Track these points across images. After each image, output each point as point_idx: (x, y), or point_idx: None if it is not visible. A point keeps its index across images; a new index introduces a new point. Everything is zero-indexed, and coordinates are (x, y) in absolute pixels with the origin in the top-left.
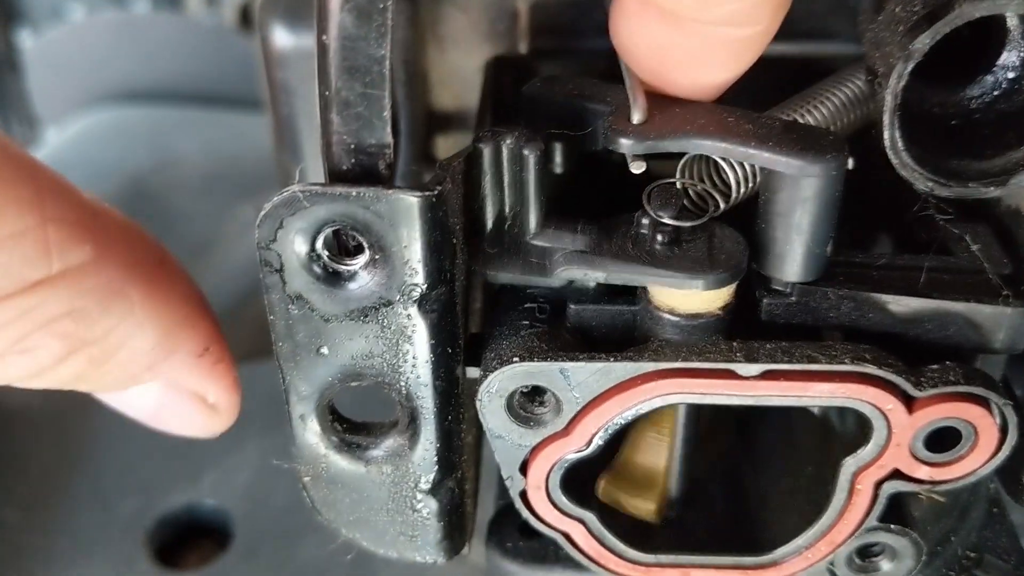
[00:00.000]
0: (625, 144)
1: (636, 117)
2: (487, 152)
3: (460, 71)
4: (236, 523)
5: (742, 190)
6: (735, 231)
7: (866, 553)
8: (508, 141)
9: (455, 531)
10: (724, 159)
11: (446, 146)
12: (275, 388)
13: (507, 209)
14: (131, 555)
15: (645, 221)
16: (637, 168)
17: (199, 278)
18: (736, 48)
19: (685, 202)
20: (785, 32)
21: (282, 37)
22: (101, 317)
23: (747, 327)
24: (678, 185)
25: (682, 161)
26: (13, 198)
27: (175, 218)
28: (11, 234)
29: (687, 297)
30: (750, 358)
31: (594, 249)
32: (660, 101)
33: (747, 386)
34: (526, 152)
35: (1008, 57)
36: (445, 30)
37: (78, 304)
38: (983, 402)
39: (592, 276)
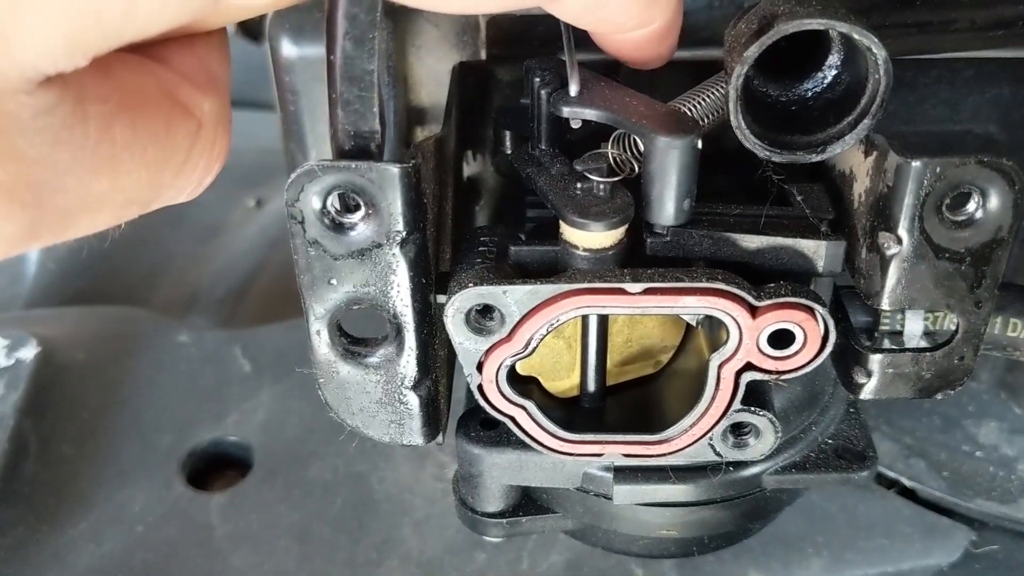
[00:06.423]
0: (565, 111)
1: (572, 90)
2: None
3: (433, 74)
4: (255, 454)
5: None
6: (626, 189)
7: (738, 431)
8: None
9: (432, 421)
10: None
11: (423, 134)
12: (282, 347)
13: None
14: (168, 480)
15: (578, 180)
16: (575, 124)
17: (209, 259)
18: None
19: (608, 164)
20: (688, 40)
21: (288, 48)
22: None
23: (637, 259)
24: (609, 154)
25: (612, 136)
26: None
27: (186, 207)
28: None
29: (592, 236)
30: (635, 279)
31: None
32: (593, 81)
33: (634, 300)
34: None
35: (833, 59)
36: (421, 41)
37: None
38: (809, 310)
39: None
